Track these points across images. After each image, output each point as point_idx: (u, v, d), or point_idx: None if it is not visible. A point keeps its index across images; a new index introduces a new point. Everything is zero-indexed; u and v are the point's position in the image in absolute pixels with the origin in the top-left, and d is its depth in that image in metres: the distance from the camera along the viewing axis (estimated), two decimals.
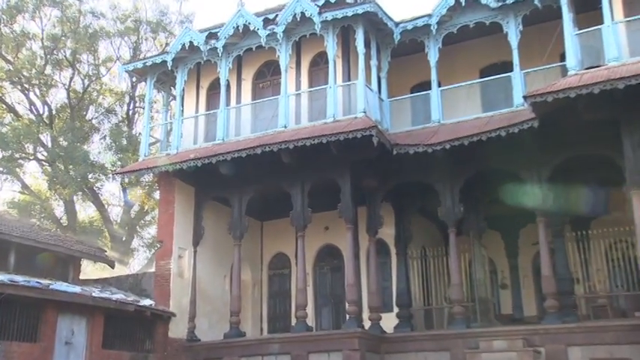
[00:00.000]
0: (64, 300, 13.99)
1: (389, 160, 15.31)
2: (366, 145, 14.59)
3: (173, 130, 18.57)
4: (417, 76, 17.53)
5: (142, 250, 36.43)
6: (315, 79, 17.05)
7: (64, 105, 29.89)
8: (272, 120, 16.57)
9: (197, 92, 18.83)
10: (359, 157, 15.32)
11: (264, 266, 20.06)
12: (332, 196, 15.72)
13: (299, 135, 15.25)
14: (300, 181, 16.09)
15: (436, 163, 15.06)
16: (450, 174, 15.35)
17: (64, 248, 16.75)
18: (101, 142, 29.66)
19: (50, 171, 27.84)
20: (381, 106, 16.43)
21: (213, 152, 16.17)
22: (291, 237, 17.70)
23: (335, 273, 18.86)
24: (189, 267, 17.25)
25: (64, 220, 30.77)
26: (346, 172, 15.53)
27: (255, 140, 16.08)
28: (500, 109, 15.24)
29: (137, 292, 17.19)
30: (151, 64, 18.46)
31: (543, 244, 14.43)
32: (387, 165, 15.61)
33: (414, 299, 16.88)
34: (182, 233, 17.30)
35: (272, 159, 15.62)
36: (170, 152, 17.75)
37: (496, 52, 16.72)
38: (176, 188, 17.55)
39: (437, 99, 15.99)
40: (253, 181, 16.74)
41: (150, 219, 33.49)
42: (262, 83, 18.04)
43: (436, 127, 15.68)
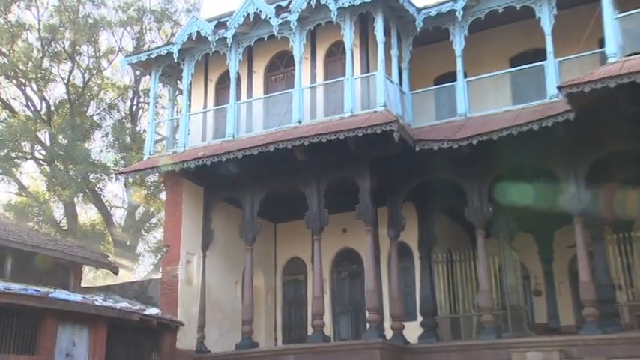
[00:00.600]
0: (64, 309, 14.11)
1: (411, 157, 15.30)
2: (387, 141, 14.59)
3: (180, 126, 18.71)
4: (442, 66, 17.49)
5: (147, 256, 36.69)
6: (332, 71, 17.07)
7: (63, 100, 30.13)
8: (285, 115, 16.62)
9: (205, 86, 18.93)
10: (379, 154, 15.32)
11: (278, 271, 20.13)
12: (350, 196, 15.74)
13: (314, 131, 15.28)
14: (315, 181, 16.12)
15: (462, 160, 15.02)
16: (478, 171, 15.31)
17: (65, 254, 16.90)
18: (103, 140, 29.94)
19: (49, 171, 28.09)
20: (403, 99, 16.42)
21: (223, 150, 16.26)
22: (307, 240, 17.73)
23: (354, 279, 18.87)
24: (198, 273, 17.36)
25: (63, 223, 31.06)
26: (365, 170, 15.53)
27: (267, 137, 16.14)
28: (532, 101, 15.17)
29: (143, 300, 17.32)
30: (156, 56, 18.58)
31: (580, 247, 14.32)
32: (409, 162, 15.59)
33: (439, 307, 16.86)
34: (190, 237, 17.41)
35: (286, 157, 15.66)
36: (177, 150, 17.88)
37: (527, 39, 16.64)
38: (183, 189, 17.66)
39: (463, 91, 15.95)
40: (266, 180, 16.79)
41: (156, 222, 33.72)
42: (275, 76, 18.10)
43: (462, 121, 15.63)
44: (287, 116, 16.59)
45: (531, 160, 14.83)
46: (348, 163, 15.64)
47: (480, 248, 15.25)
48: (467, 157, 14.81)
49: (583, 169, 14.39)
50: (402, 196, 16.33)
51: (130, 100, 31.56)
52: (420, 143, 15.07)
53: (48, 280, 16.20)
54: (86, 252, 18.27)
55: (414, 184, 16.26)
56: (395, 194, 16.32)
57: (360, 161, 15.54)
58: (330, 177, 16.07)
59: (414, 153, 15.11)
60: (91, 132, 30.04)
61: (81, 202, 31.54)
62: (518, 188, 15.65)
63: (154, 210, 32.18)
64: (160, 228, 32.45)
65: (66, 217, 30.93)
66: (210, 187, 17.75)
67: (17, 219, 26.72)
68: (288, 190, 16.74)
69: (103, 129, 30.26)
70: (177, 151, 17.87)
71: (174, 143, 18.75)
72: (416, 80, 17.16)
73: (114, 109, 30.98)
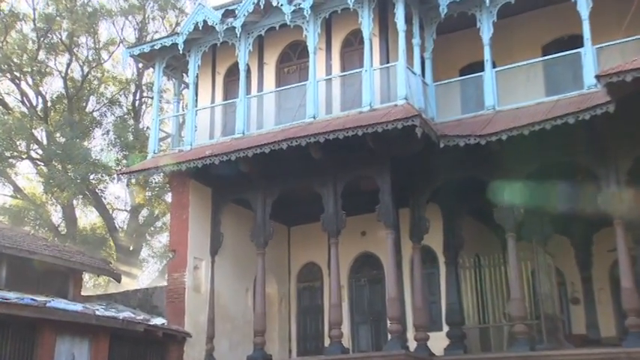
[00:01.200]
0: (63, 319, 14.20)
1: (435, 155, 15.26)
2: (409, 137, 14.55)
3: (186, 123, 18.78)
4: (468, 55, 17.44)
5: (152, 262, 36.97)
6: (349, 62, 17.07)
7: (61, 96, 30.33)
8: (299, 110, 16.63)
9: (213, 79, 19.00)
10: (400, 151, 15.28)
11: (293, 278, 20.17)
12: (369, 196, 15.73)
13: (330, 127, 15.28)
14: (332, 180, 16.12)
15: (491, 157, 14.96)
16: (508, 169, 15.22)
17: (63, 260, 17.01)
18: (104, 138, 30.10)
19: (46, 172, 28.31)
20: (426, 91, 16.38)
21: (233, 148, 16.30)
22: (323, 244, 17.75)
23: (374, 285, 18.86)
24: (206, 280, 17.43)
25: (62, 227, 31.29)
26: (385, 168, 15.51)
27: (280, 133, 16.17)
28: (567, 92, 15.08)
29: (147, 310, 17.41)
30: (160, 48, 18.66)
31: (622, 251, 14.19)
32: (433, 160, 15.55)
33: (466, 316, 16.81)
34: (198, 241, 17.49)
35: (300, 155, 15.67)
36: (183, 148, 17.95)
37: (562, 24, 16.55)
38: (190, 190, 17.74)
39: (491, 82, 15.88)
40: (279, 180, 16.82)
41: (161, 225, 33.89)
42: (287, 68, 18.12)
43: (490, 114, 15.58)
44: (301, 111, 16.60)
45: (567, 157, 14.74)
46: (367, 160, 15.62)
47: (510, 252, 15.16)
48: (496, 153, 14.75)
49: (624, 166, 14.26)
50: (425, 197, 16.29)
51: (132, 94, 31.77)
52: (444, 139, 15.02)
53: (45, 288, 16.31)
54: (86, 258, 18.38)
55: (438, 184, 16.22)
56: (418, 194, 16.28)
57: (380, 159, 15.51)
58: (348, 176, 16.06)
59: (438, 150, 15.07)
60: (90, 129, 30.21)
61: (80, 204, 31.76)
62: (552, 187, 15.58)
63: (159, 213, 32.35)
64: (166, 232, 32.63)
65: (64, 220, 31.15)
66: (219, 187, 17.81)
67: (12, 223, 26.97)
68: (302, 190, 16.75)
69: (104, 126, 30.45)
70: (183, 149, 17.94)
71: (180, 141, 18.82)
72: (440, 71, 17.12)
73: (115, 105, 31.13)
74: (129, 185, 28.76)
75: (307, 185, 16.49)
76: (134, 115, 31.12)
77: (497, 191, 15.31)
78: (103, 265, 18.97)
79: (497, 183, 15.30)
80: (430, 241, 16.92)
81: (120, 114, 30.92)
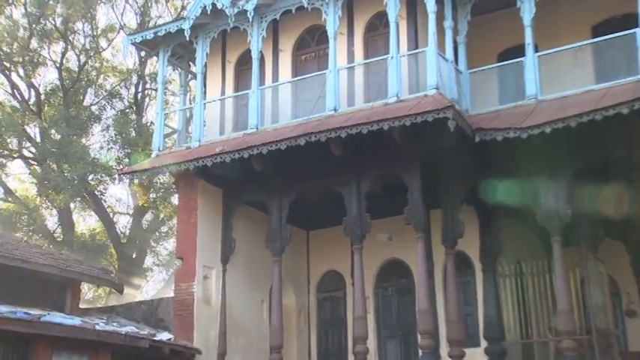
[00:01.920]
0: (59, 335, 14.30)
1: (470, 150, 15.23)
2: (440, 130, 14.54)
3: (194, 117, 18.89)
4: (507, 39, 17.37)
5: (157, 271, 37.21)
6: (373, 48, 17.08)
7: (56, 88, 30.48)
8: (318, 102, 16.67)
9: (223, 69, 19.09)
10: (431, 146, 15.28)
11: (312, 288, 20.25)
12: (397, 197, 15.74)
13: (353, 120, 15.31)
14: (355, 179, 16.15)
15: (533, 153, 14.92)
16: (553, 166, 15.17)
17: (60, 269, 17.12)
18: (103, 135, 30.23)
19: (40, 172, 28.54)
20: (459, 79, 16.34)
21: (245, 144, 16.38)
22: (346, 250, 17.77)
23: (403, 296, 18.89)
24: (217, 290, 17.53)
25: (58, 233, 31.54)
26: (414, 166, 15.52)
27: (297, 128, 16.22)
28: (620, 78, 14.97)
29: (152, 324, 17.53)
30: (164, 34, 18.77)
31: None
32: (467, 156, 15.52)
33: (507, 330, 16.77)
34: (208, 248, 17.59)
35: (319, 151, 15.72)
36: (190, 145, 18.05)
37: (615, 2, 16.43)
38: (199, 191, 17.85)
39: (533, 68, 15.80)
40: (296, 179, 16.89)
41: (167, 230, 34.08)
42: (305, 55, 18.17)
43: (532, 104, 15.51)
44: (320, 103, 16.64)
45: (620, 151, 14.66)
46: (394, 157, 15.65)
47: (556, 259, 15.09)
48: (539, 148, 14.70)
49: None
50: (459, 197, 16.26)
51: (134, 86, 31.89)
52: (480, 133, 14.99)
53: (40, 300, 16.43)
54: (85, 267, 18.50)
55: (473, 182, 16.17)
56: (451, 194, 16.26)
57: (409, 155, 15.53)
58: (373, 175, 16.09)
59: (473, 145, 15.04)
60: (88, 125, 30.38)
61: (78, 208, 31.99)
62: (603, 186, 15.48)
63: (165, 216, 32.53)
64: (172, 238, 32.81)
65: (61, 225, 31.39)
66: (231, 188, 17.91)
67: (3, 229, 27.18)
68: (322, 190, 16.80)
69: (103, 121, 30.56)
70: (190, 146, 18.05)
71: (187, 137, 18.94)
72: (475, 57, 17.06)
73: (115, 98, 31.25)
74: (131, 186, 29.01)
75: (328, 185, 16.54)
76: (136, 109, 31.24)
77: (540, 190, 15.26)
78: (104, 275, 19.10)
79: (541, 181, 15.26)
80: (465, 246, 16.89)
81: (121, 108, 31.04)
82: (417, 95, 15.46)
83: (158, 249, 36.09)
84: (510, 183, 15.73)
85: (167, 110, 21.64)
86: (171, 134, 23.48)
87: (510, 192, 16.19)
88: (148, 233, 32.57)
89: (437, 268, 17.66)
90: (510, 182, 15.71)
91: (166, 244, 35.83)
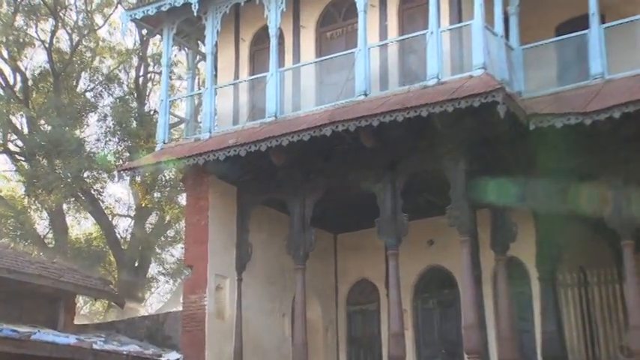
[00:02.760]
0: (52, 355, 14.45)
1: (524, 139, 15.20)
2: (489, 117, 14.50)
3: (204, 104, 18.95)
4: (567, 8, 17.21)
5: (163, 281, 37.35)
6: (409, 23, 17.03)
7: (45, 72, 30.65)
8: (346, 85, 16.66)
9: (236, 48, 19.15)
10: (477, 135, 15.25)
11: (341, 300, 20.31)
12: (438, 194, 15.72)
13: (386, 106, 15.27)
14: (389, 174, 16.14)
15: (599, 142, 14.83)
16: (623, 158, 15.07)
17: (51, 280, 17.26)
18: (100, 125, 30.31)
19: (28, 168, 28.73)
20: (510, 57, 16.27)
21: (263, 135, 16.39)
22: (379, 256, 17.85)
23: (446, 309, 18.90)
24: (231, 303, 17.61)
25: (49, 238, 31.74)
26: (458, 158, 15.48)
27: (322, 116, 16.21)
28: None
29: (158, 342, 17.64)
30: (168, 9, 18.81)
31: None
32: (520, 146, 15.49)
33: (569, 349, 16.73)
34: (221, 254, 17.67)
35: (348, 143, 15.74)
36: (200, 137, 18.11)
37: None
38: (210, 189, 17.93)
39: (599, 42, 15.67)
40: (322, 175, 16.93)
41: (173, 235, 34.17)
42: (331, 32, 18.16)
43: (598, 85, 15.41)
44: (348, 87, 16.62)
45: None
46: (434, 149, 15.62)
47: (628, 266, 14.98)
48: (606, 136, 14.61)
49: None
50: (510, 194, 16.14)
51: (134, 70, 32.05)
52: (535, 119, 14.90)
53: (30, 316, 16.57)
54: (80, 277, 18.65)
55: (527, 177, 16.08)
56: (500, 191, 16.14)
57: (451, 146, 15.49)
58: (410, 169, 16.07)
59: (527, 133, 14.97)
60: (83, 114, 30.52)
61: (72, 209, 32.18)
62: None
63: (171, 218, 32.65)
64: (180, 243, 32.93)
65: (52, 230, 31.59)
66: (247, 185, 17.97)
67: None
68: (351, 187, 16.79)
69: (100, 110, 30.69)
70: (200, 137, 18.11)
71: (197, 127, 19.01)
72: (529, 31, 16.95)
73: (113, 83, 31.39)
74: (133, 184, 29.12)
75: (358, 181, 16.54)
76: (138, 96, 31.38)
77: (608, 186, 15.15)
78: (102, 286, 19.23)
79: (608, 176, 15.15)
80: (518, 251, 16.85)
81: (120, 94, 31.17)
82: (461, 76, 15.37)
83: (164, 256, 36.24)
84: (571, 178, 15.66)
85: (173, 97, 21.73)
86: (178, 124, 23.59)
87: (571, 189, 16.13)
88: (152, 238, 32.67)
89: (485, 276, 17.61)
90: (570, 177, 15.64)
91: (173, 250, 36.01)
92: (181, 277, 32.33)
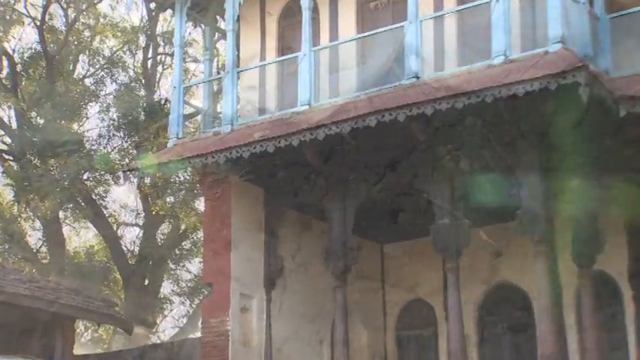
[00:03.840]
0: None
1: (612, 128, 15.06)
2: (568, 101, 14.40)
3: (224, 90, 18.93)
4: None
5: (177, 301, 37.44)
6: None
7: (36, 55, 30.83)
8: (393, 66, 16.62)
9: (262, 24, 19.20)
10: (554, 124, 15.13)
11: (390, 323, 20.32)
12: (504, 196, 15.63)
13: (442, 90, 15.18)
14: (446, 172, 16.06)
15: None
16: None
17: (47, 302, 17.42)
18: (102, 118, 30.56)
19: (17, 169, 28.94)
20: (595, 29, 16.13)
21: (294, 127, 16.37)
22: (436, 271, 17.82)
23: (518, 335, 18.83)
24: (259, 327, 17.68)
25: (43, 252, 31.96)
26: (531, 152, 15.42)
27: (364, 103, 16.15)
28: None
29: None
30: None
31: None
32: (607, 136, 15.35)
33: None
34: (246, 269, 17.74)
35: (396, 135, 15.69)
36: (220, 130, 18.12)
37: None
38: (232, 192, 17.99)
39: None
40: (365, 174, 16.87)
41: (189, 247, 34.26)
42: (375, 1, 18.12)
43: None
44: (396, 68, 16.57)
45: None
46: (501, 141, 15.54)
47: None
48: None
49: None
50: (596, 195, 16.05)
51: (142, 51, 32.19)
52: (627, 103, 14.72)
53: (21, 344, 16.70)
54: (81, 299, 18.77)
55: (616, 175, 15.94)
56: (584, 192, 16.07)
57: (522, 138, 15.44)
58: (470, 166, 15.99)
59: (616, 120, 14.85)
60: (82, 105, 30.74)
61: (70, 218, 32.39)
62: None
63: (187, 227, 32.71)
64: (197, 256, 33.03)
65: (47, 242, 31.80)
66: (276, 187, 17.99)
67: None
68: (400, 189, 16.74)
69: (102, 99, 30.91)
70: (220, 130, 18.13)
71: (216, 119, 19.03)
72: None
73: (117, 67, 31.56)
74: (141, 188, 29.22)
75: (409, 181, 16.48)
76: (146, 83, 31.54)
77: None
78: (106, 309, 19.36)
79: None
80: (607, 265, 16.78)
81: (125, 81, 31.35)
82: (534, 53, 15.26)
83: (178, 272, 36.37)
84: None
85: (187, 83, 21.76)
86: (194, 115, 23.68)
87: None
88: (165, 251, 32.81)
89: (567, 295, 17.39)
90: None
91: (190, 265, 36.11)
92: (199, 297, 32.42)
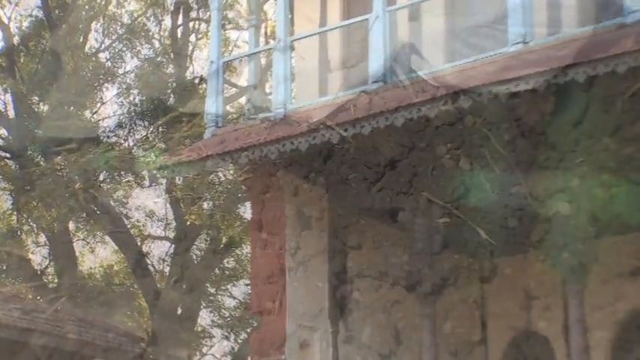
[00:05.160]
0: None
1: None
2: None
3: (274, 66, 18.90)
4: None
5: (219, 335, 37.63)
6: None
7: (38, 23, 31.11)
8: (492, 30, 16.54)
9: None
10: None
11: (495, 358, 20.18)
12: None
13: (555, 60, 15.03)
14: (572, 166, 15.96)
15: None
16: None
17: (55, 337, 17.53)
18: (120, 102, 30.77)
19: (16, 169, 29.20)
20: None
21: (365, 112, 16.33)
22: (552, 295, 17.68)
23: None
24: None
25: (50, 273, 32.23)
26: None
27: (455, 77, 16.06)
28: None
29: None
30: None
31: None
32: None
33: None
34: (305, 295, 17.78)
35: (497, 117, 15.61)
36: (269, 115, 18.12)
37: None
38: (286, 194, 18.00)
39: None
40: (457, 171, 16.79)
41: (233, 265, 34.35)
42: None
43: None
44: (496, 33, 16.50)
45: None
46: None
47: None
48: None
49: None
50: None
51: (170, 16, 32.32)
52: None
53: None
54: (97, 332, 18.89)
55: None
56: None
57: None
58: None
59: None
60: (95, 86, 30.96)
61: (82, 230, 32.61)
62: None
63: (229, 241, 32.77)
64: (244, 278, 33.10)
65: (54, 261, 32.08)
66: (343, 189, 17.93)
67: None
68: (501, 185, 16.69)
69: (120, 79, 31.13)
70: (269, 116, 18.12)
71: (264, 102, 19.05)
72: None
73: (139, 38, 31.74)
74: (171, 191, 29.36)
75: (512, 178, 16.39)
76: (174, 57, 31.67)
77: None
78: (129, 345, 19.47)
79: None
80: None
81: (149, 55, 31.55)
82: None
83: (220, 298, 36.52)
84: None
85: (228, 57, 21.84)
86: (237, 97, 23.75)
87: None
88: (203, 271, 32.94)
89: None
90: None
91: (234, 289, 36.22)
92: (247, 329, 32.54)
